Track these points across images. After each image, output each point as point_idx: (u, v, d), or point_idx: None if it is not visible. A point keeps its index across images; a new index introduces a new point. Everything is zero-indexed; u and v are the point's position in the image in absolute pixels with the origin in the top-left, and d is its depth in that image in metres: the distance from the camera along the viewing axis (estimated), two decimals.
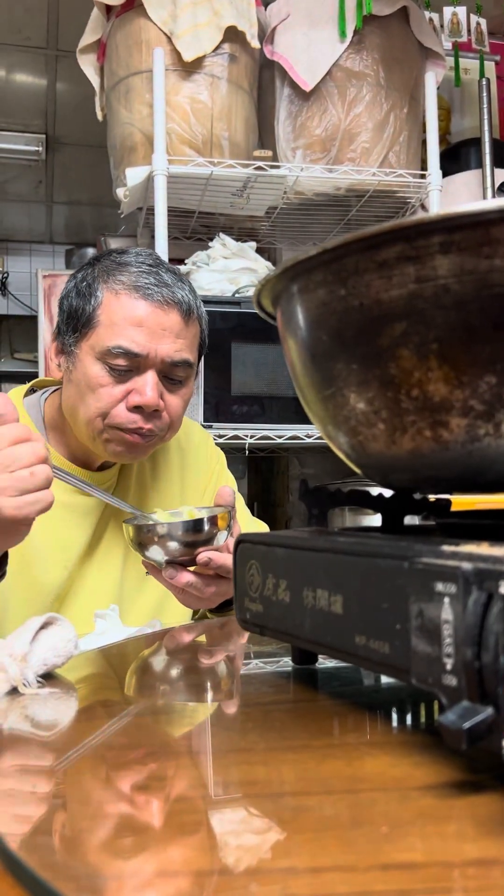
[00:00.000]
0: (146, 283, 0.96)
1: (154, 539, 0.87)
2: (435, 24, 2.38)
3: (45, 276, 3.52)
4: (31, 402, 1.07)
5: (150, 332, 0.94)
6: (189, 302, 0.98)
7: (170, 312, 0.96)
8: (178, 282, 0.99)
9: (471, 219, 0.38)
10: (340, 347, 0.45)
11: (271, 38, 2.01)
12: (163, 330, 0.95)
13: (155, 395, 0.95)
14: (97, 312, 0.95)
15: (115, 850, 0.30)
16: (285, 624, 0.48)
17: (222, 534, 0.89)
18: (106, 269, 0.98)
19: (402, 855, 0.29)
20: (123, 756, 0.41)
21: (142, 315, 0.95)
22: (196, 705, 0.52)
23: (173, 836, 0.31)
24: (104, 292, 0.96)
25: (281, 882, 0.27)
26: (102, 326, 0.95)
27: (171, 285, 0.97)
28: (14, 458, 0.75)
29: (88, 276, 0.99)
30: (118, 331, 0.94)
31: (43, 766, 0.41)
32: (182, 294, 0.98)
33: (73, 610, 0.99)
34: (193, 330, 1.00)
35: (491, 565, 0.32)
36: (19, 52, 3.00)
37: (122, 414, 0.95)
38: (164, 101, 1.84)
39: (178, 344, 0.96)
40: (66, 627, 0.57)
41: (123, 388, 0.95)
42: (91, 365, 0.95)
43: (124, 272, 0.97)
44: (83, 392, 0.96)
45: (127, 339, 0.93)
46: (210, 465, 1.18)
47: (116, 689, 0.58)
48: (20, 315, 4.84)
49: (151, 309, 0.95)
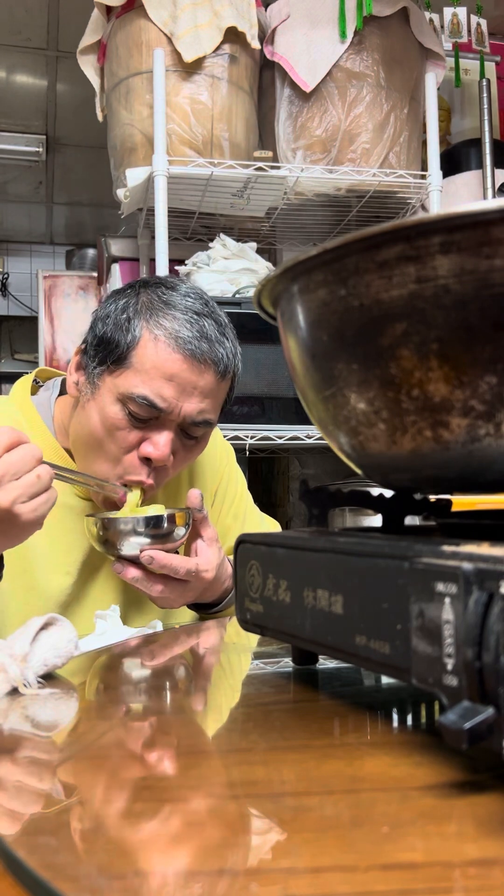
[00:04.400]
0: (188, 336, 0.90)
1: (107, 533, 0.89)
2: (435, 24, 2.38)
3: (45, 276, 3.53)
4: (41, 401, 1.05)
5: (180, 389, 0.90)
6: (227, 361, 0.94)
7: (205, 372, 0.91)
8: (222, 336, 0.93)
9: (471, 219, 0.38)
10: (341, 347, 0.45)
11: (271, 38, 2.01)
12: (193, 388, 0.91)
13: (168, 451, 0.91)
14: (131, 352, 0.90)
15: (116, 850, 0.30)
16: (286, 624, 0.48)
17: (178, 532, 0.90)
18: (150, 305, 0.93)
19: (403, 855, 0.29)
20: (123, 756, 0.41)
21: (176, 369, 0.90)
22: (196, 705, 0.52)
23: (174, 836, 0.31)
24: (143, 332, 0.91)
25: (281, 882, 0.27)
26: (132, 370, 0.90)
27: (214, 341, 0.92)
28: (16, 464, 0.76)
29: (129, 308, 0.93)
30: (147, 380, 0.89)
31: (43, 766, 0.41)
32: (222, 353, 0.93)
33: (78, 618, 0.98)
34: (224, 389, 0.96)
35: (491, 565, 0.32)
36: (20, 53, 3.01)
37: (131, 463, 0.92)
38: (164, 101, 1.85)
39: (205, 404, 0.92)
40: (67, 628, 0.57)
41: (139, 435, 0.91)
42: (111, 404, 0.91)
43: (168, 315, 0.91)
44: (96, 428, 0.92)
45: (153, 392, 0.89)
46: (219, 466, 1.16)
47: (115, 689, 0.58)
48: (20, 316, 4.85)
49: (187, 365, 0.90)
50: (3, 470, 0.75)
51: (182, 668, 0.64)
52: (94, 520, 0.90)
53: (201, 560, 0.91)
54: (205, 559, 0.92)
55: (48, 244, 4.95)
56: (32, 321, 4.20)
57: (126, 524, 0.88)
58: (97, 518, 0.90)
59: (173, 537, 0.90)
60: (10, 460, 0.76)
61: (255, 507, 1.22)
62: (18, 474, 0.76)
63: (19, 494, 0.75)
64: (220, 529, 1.10)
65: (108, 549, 0.90)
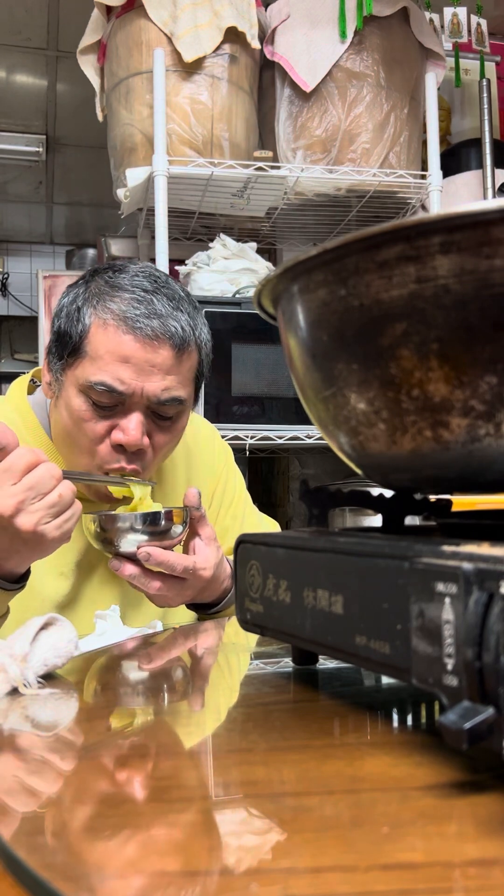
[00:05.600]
0: (136, 314, 0.89)
1: (104, 530, 0.88)
2: (435, 24, 2.38)
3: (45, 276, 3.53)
4: (37, 400, 1.04)
5: (137, 369, 0.89)
6: (184, 334, 0.91)
7: (160, 348, 0.89)
8: (175, 310, 0.91)
9: (471, 219, 0.38)
10: (341, 347, 0.45)
11: (271, 38, 2.01)
12: (151, 367, 0.89)
13: (139, 434, 0.90)
14: (84, 342, 0.90)
15: (116, 850, 0.30)
16: (286, 624, 0.48)
17: (175, 530, 0.90)
18: (97, 291, 0.92)
19: (403, 855, 0.29)
20: (124, 756, 0.41)
21: (129, 350, 0.88)
22: (196, 705, 0.52)
23: (174, 836, 0.31)
24: (92, 319, 0.90)
25: (281, 882, 0.27)
26: (88, 358, 0.90)
27: (165, 316, 0.90)
28: (37, 486, 0.78)
29: (79, 298, 0.93)
30: (102, 366, 0.89)
31: (43, 766, 0.41)
32: (176, 326, 0.90)
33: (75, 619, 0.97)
34: (188, 363, 0.94)
35: (492, 565, 0.32)
36: (20, 53, 3.01)
37: (106, 453, 0.92)
38: (164, 101, 1.85)
39: (168, 381, 0.90)
40: (67, 628, 0.57)
41: (107, 424, 0.91)
42: (74, 397, 0.91)
43: (115, 298, 0.90)
44: (67, 424, 0.92)
45: (110, 376, 0.88)
46: (217, 467, 1.16)
47: (116, 689, 0.58)
48: (20, 316, 4.85)
49: (139, 344, 0.89)
50: (24, 495, 0.77)
51: (182, 669, 0.64)
52: (91, 517, 0.90)
53: (199, 558, 0.91)
54: (202, 557, 0.91)
55: (48, 244, 4.94)
56: (32, 321, 4.20)
57: (124, 521, 0.88)
58: (95, 515, 0.90)
59: (171, 535, 0.90)
60: (29, 483, 0.77)
61: (254, 508, 1.22)
62: (40, 495, 0.78)
63: (42, 516, 0.77)
64: (219, 530, 1.09)
65: (105, 546, 0.90)
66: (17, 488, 0.77)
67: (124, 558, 0.89)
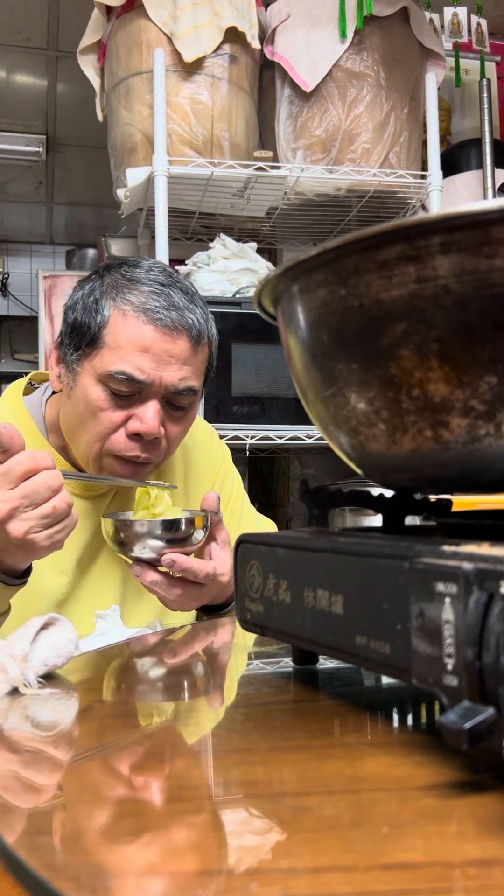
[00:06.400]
0: (156, 306, 0.91)
1: (126, 535, 0.88)
2: (435, 24, 2.38)
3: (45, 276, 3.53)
4: (33, 400, 1.05)
5: (156, 359, 0.91)
6: (199, 326, 0.94)
7: (178, 339, 0.92)
8: (190, 304, 0.94)
9: (471, 219, 0.38)
10: (341, 347, 0.45)
11: (272, 38, 2.01)
12: (169, 357, 0.91)
13: (156, 423, 0.92)
14: (102, 332, 0.92)
15: (116, 850, 0.30)
16: (286, 624, 0.48)
17: (197, 536, 0.89)
18: (115, 284, 0.94)
19: (403, 855, 0.29)
20: (124, 756, 0.41)
21: (148, 341, 0.91)
22: (196, 705, 0.52)
23: (174, 836, 0.31)
24: (111, 311, 0.92)
25: (281, 882, 0.27)
26: (107, 348, 0.91)
27: (182, 308, 0.93)
28: (33, 495, 0.77)
29: (96, 291, 0.94)
30: (122, 355, 0.90)
31: (43, 766, 0.41)
32: (193, 318, 0.93)
33: (75, 617, 0.98)
34: (202, 356, 0.97)
35: (492, 565, 0.32)
36: (20, 53, 3.01)
37: (120, 441, 0.93)
38: (164, 101, 1.85)
39: (185, 371, 0.93)
40: (67, 628, 0.57)
41: (124, 414, 0.92)
42: (92, 386, 0.92)
43: (134, 290, 0.93)
44: (82, 414, 0.93)
45: (131, 365, 0.90)
46: (214, 467, 1.16)
47: (116, 689, 0.58)
48: (21, 316, 4.85)
49: (159, 335, 0.91)
50: (17, 502, 0.77)
51: (184, 669, 0.64)
52: (111, 521, 0.89)
53: (217, 563, 0.91)
54: (220, 562, 0.92)
55: (48, 244, 4.94)
56: (32, 321, 4.20)
57: (145, 527, 0.87)
58: (114, 520, 0.89)
59: (192, 541, 0.89)
60: (24, 492, 0.77)
61: (251, 508, 1.22)
62: (35, 504, 0.77)
63: (33, 525, 0.77)
64: None
65: (124, 550, 0.89)
66: (11, 494, 0.77)
67: (145, 564, 0.89)
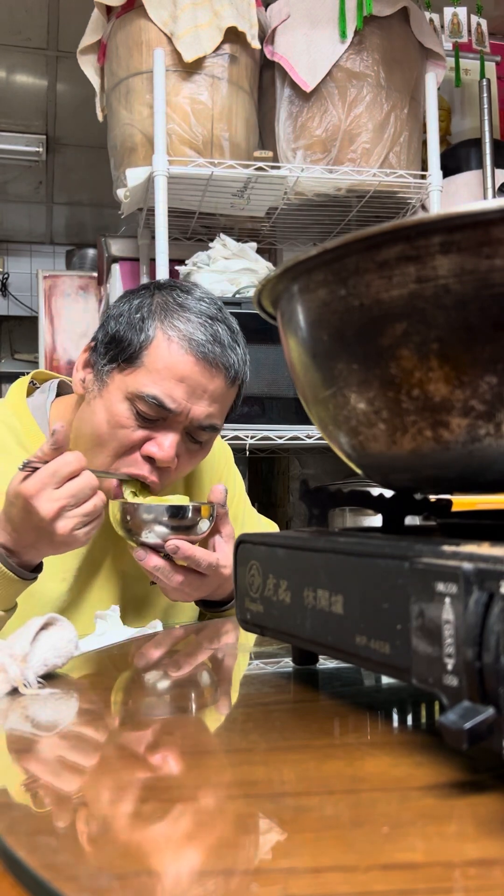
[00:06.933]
0: (201, 339, 0.91)
1: (131, 519, 0.88)
2: (435, 24, 2.38)
3: (45, 276, 3.53)
4: (37, 404, 1.04)
5: (190, 391, 0.91)
6: (238, 368, 0.95)
7: (216, 376, 0.92)
8: (234, 343, 0.94)
9: (471, 219, 0.38)
10: (341, 347, 0.45)
11: (272, 38, 2.01)
12: (203, 391, 0.91)
13: (172, 453, 0.91)
14: (143, 352, 0.91)
15: (116, 850, 0.30)
16: (286, 624, 0.48)
17: (202, 526, 0.90)
18: (164, 306, 0.93)
19: (403, 855, 0.29)
20: (124, 756, 0.41)
21: (187, 371, 0.90)
22: (197, 705, 0.52)
23: (174, 836, 0.31)
24: (156, 332, 0.91)
25: (281, 882, 0.27)
26: (144, 369, 0.91)
27: (226, 346, 0.93)
28: (79, 494, 0.82)
29: (144, 308, 0.93)
30: (158, 380, 0.90)
31: (43, 766, 0.41)
32: (234, 359, 0.94)
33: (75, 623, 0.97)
34: (231, 396, 0.97)
35: (492, 565, 0.32)
36: (20, 53, 3.01)
37: (132, 460, 0.92)
38: (164, 101, 1.84)
39: (213, 408, 0.93)
40: (67, 628, 0.57)
41: (143, 434, 0.92)
42: (119, 402, 0.91)
43: (182, 318, 0.92)
44: (100, 424, 0.92)
45: (164, 392, 0.89)
46: (218, 467, 1.16)
47: (116, 689, 0.58)
48: (20, 316, 4.85)
49: (199, 368, 0.91)
50: (66, 501, 0.81)
51: (182, 669, 0.64)
52: (118, 504, 0.89)
53: (221, 555, 0.91)
54: (224, 555, 0.92)
55: (48, 244, 4.95)
56: (32, 321, 4.20)
57: (151, 511, 0.88)
58: (122, 503, 0.89)
59: (197, 530, 0.90)
60: (72, 491, 0.82)
61: (252, 509, 1.22)
62: (79, 503, 0.82)
63: (77, 523, 0.82)
64: None
65: (130, 534, 0.90)
66: (59, 493, 0.81)
67: (149, 549, 0.89)
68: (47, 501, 0.80)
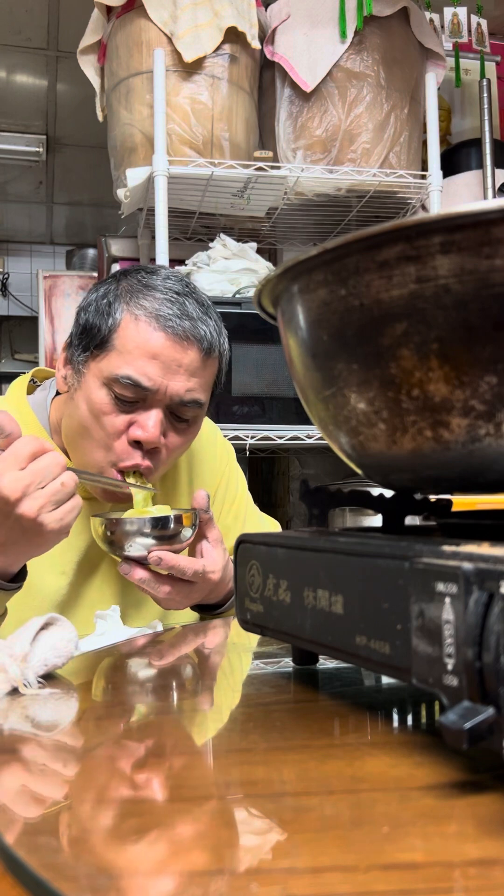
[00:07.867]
0: (168, 314, 0.90)
1: (114, 533, 0.88)
2: (435, 24, 2.38)
3: (45, 276, 3.53)
4: (37, 401, 1.04)
5: (164, 367, 0.90)
6: (211, 339, 0.93)
7: (189, 349, 0.91)
8: (204, 315, 0.94)
9: (471, 219, 0.38)
10: (341, 347, 0.45)
11: (272, 38, 2.01)
12: (178, 366, 0.90)
13: (157, 432, 0.91)
14: (113, 335, 0.91)
15: (116, 850, 0.30)
16: (286, 624, 0.48)
17: (185, 534, 0.89)
18: (130, 288, 0.93)
19: (403, 855, 0.29)
20: (124, 756, 0.41)
21: (158, 347, 0.90)
22: (197, 705, 0.52)
23: (174, 836, 0.31)
24: (124, 314, 0.91)
25: (281, 882, 0.27)
26: (115, 352, 0.90)
27: (196, 318, 0.92)
28: (41, 473, 0.77)
29: (110, 294, 0.93)
30: (130, 360, 0.89)
31: (43, 766, 0.41)
32: (205, 330, 0.93)
33: (75, 618, 0.97)
34: (211, 369, 0.96)
35: (492, 565, 0.32)
36: (20, 53, 3.01)
37: (121, 448, 0.92)
38: (164, 101, 1.84)
39: (192, 383, 0.92)
40: (67, 628, 0.57)
41: (126, 419, 0.91)
42: (96, 389, 0.91)
43: (148, 296, 0.92)
44: (85, 417, 0.92)
45: (138, 371, 0.89)
46: (220, 466, 1.15)
47: (116, 689, 0.58)
48: (21, 316, 4.85)
49: (170, 342, 0.90)
50: (29, 479, 0.77)
51: (183, 669, 0.64)
52: (100, 520, 0.89)
53: (207, 561, 0.91)
54: (211, 560, 0.91)
55: (48, 244, 4.94)
56: (32, 321, 4.20)
57: (133, 525, 0.87)
58: (103, 518, 0.89)
59: (180, 538, 0.89)
60: (35, 469, 0.77)
61: (255, 507, 1.22)
62: (44, 483, 0.77)
63: (45, 503, 0.77)
64: (221, 529, 1.09)
65: (113, 549, 0.89)
66: (23, 473, 0.77)
67: (133, 562, 0.89)
68: (10, 482, 0.76)
